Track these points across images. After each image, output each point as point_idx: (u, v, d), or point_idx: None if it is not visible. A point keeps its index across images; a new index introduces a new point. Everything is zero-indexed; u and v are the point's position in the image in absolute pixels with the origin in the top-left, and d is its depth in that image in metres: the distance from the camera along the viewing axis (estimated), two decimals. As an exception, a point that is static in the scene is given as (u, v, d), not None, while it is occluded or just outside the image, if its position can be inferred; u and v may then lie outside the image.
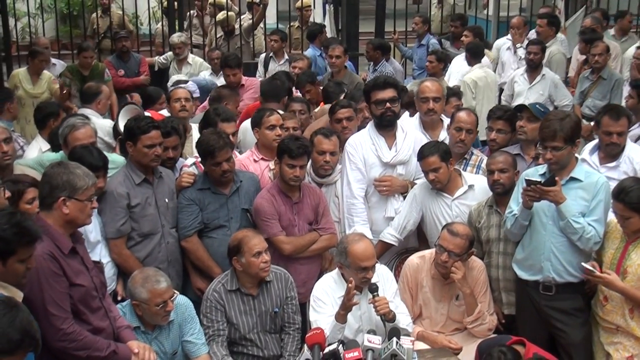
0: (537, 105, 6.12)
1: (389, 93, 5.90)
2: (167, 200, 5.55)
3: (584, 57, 9.63)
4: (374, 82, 6.07)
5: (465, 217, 5.68)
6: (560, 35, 10.59)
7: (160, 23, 13.03)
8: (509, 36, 10.75)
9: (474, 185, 5.75)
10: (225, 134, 5.73)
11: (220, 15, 11.99)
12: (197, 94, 8.20)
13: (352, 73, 9.51)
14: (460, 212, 5.71)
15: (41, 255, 3.92)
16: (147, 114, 6.62)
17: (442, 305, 5.39)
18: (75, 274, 4.09)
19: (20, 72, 9.43)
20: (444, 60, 9.10)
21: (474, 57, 9.36)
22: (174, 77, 9.56)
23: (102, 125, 6.85)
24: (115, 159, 5.77)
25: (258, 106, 7.19)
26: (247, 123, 6.78)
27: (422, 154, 5.67)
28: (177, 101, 7.23)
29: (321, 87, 8.43)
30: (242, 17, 12.30)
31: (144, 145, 5.37)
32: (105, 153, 5.50)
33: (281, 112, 6.64)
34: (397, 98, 5.96)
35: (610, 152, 5.79)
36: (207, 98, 8.07)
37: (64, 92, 8.89)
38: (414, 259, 5.52)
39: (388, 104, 5.88)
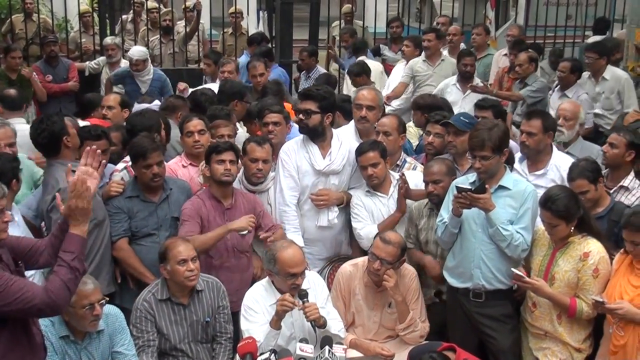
0: (462, 117, 6.14)
1: (304, 105, 5.86)
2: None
3: (506, 65, 9.85)
4: (302, 91, 6.06)
5: None
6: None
7: (75, 28, 12.77)
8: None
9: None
10: (158, 139, 5.69)
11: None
12: None
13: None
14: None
15: None
16: (85, 123, 6.52)
17: (375, 313, 5.41)
18: None
19: None
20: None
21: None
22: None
23: None
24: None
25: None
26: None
27: (361, 150, 5.77)
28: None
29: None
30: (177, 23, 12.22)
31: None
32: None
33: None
34: (313, 111, 5.83)
35: (523, 152, 5.93)
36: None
37: None
38: (346, 266, 5.54)
39: (301, 116, 5.88)
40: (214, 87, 8.75)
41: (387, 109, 8.80)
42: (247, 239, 5.68)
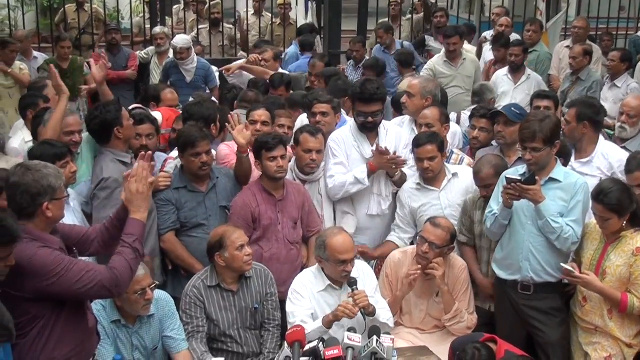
0: (513, 108, 6.12)
1: (373, 107, 5.85)
2: None
3: (566, 55, 9.75)
4: (361, 94, 5.85)
5: (455, 208, 5.73)
6: None
7: (139, 16, 12.98)
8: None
9: (458, 173, 5.83)
10: (206, 129, 5.75)
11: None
12: None
13: None
14: (450, 204, 5.76)
15: (38, 247, 3.81)
16: (157, 113, 6.62)
17: (422, 302, 5.42)
18: None
19: None
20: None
21: (404, 66, 9.64)
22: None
23: None
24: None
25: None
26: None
27: (420, 142, 5.73)
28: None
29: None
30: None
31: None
32: None
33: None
34: (381, 110, 5.94)
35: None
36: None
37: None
38: (396, 253, 5.56)
39: (370, 118, 5.88)
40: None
41: None
42: (299, 230, 5.71)
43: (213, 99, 7.68)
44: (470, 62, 9.40)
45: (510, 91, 8.75)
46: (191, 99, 7.62)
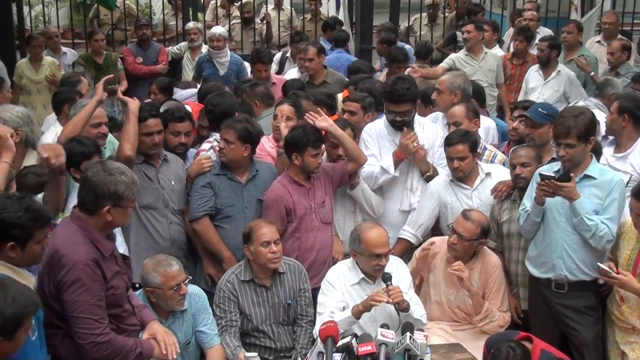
0: (539, 109, 5.96)
1: (402, 107, 5.86)
2: (173, 182, 5.60)
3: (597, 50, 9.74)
4: (390, 94, 5.87)
5: (486, 207, 5.67)
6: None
7: (165, 12, 13.06)
8: None
9: (491, 173, 5.78)
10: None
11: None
12: None
13: (334, 72, 8.78)
14: (481, 203, 5.70)
15: (85, 262, 3.86)
16: (187, 107, 6.64)
17: (451, 292, 5.40)
18: (112, 278, 4.02)
19: (23, 62, 9.69)
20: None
21: (419, 58, 9.56)
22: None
23: None
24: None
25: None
26: None
27: (451, 141, 5.69)
28: None
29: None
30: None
31: (141, 133, 5.42)
32: None
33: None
34: (411, 111, 5.92)
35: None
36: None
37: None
38: (433, 238, 5.62)
39: (399, 117, 5.88)
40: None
41: None
42: (328, 208, 5.74)
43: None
44: (492, 57, 9.30)
45: (539, 87, 8.68)
46: (179, 90, 7.77)
